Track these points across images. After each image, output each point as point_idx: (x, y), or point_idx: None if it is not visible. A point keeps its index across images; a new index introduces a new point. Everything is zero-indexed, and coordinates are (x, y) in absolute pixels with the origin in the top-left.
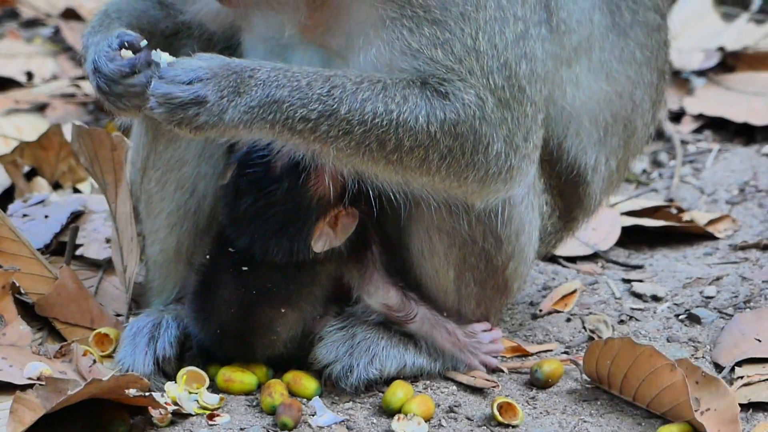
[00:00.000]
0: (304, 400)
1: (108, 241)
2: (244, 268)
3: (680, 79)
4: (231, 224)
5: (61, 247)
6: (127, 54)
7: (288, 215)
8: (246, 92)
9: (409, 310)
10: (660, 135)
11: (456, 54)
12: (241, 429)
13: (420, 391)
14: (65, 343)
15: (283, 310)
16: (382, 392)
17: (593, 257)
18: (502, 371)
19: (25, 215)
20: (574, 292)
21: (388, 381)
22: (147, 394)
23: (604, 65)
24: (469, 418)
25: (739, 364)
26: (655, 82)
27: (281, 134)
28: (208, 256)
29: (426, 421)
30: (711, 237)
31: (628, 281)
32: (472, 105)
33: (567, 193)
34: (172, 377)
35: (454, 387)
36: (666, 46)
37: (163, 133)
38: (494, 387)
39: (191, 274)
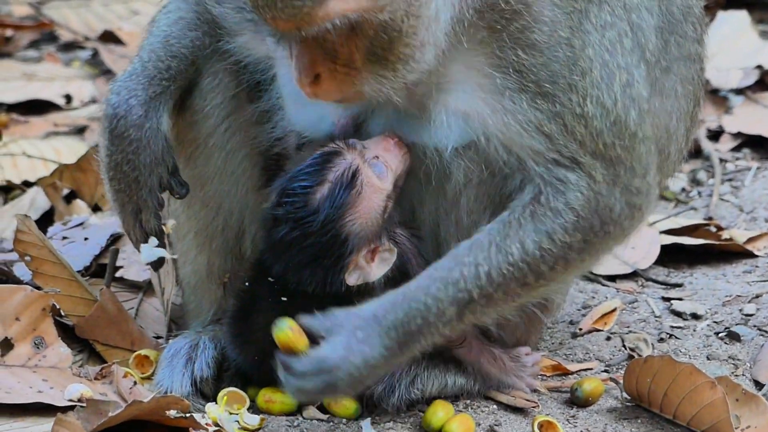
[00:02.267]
0: (344, 420)
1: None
2: (284, 299)
3: (718, 98)
4: (268, 250)
5: (101, 270)
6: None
7: (323, 247)
8: (379, 352)
9: (456, 337)
10: (698, 153)
11: (568, 127)
12: None
13: (460, 411)
14: (105, 364)
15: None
16: (423, 412)
17: (633, 276)
18: (542, 390)
19: (64, 238)
20: (613, 310)
21: (428, 400)
22: (188, 415)
23: (647, 101)
24: None
25: None
26: (690, 110)
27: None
28: (247, 283)
29: None
30: (750, 255)
31: (667, 299)
32: (582, 195)
33: None
34: (210, 398)
35: (495, 406)
36: (702, 71)
37: (182, 151)
38: (534, 407)
39: (229, 297)
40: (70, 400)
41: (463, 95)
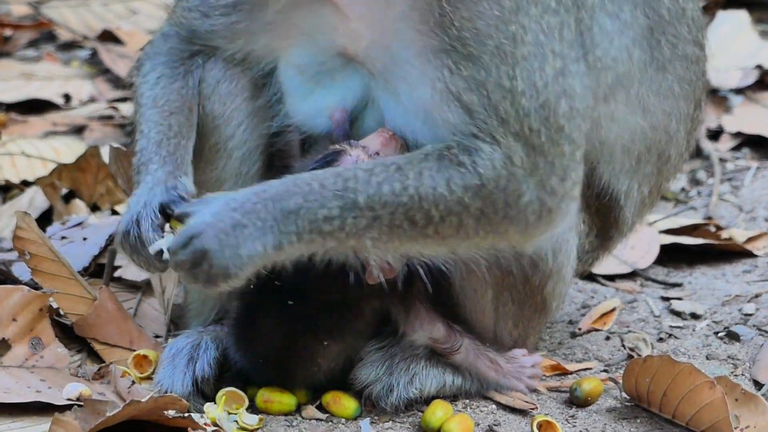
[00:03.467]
0: (343, 420)
1: None
2: (290, 302)
3: (718, 98)
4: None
5: (99, 269)
6: (168, 232)
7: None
8: (253, 218)
9: (454, 341)
10: (698, 153)
11: (492, 100)
12: None
13: (459, 410)
14: (104, 364)
15: (326, 343)
16: (422, 411)
17: (632, 275)
18: (541, 390)
19: (63, 237)
20: (613, 310)
21: (427, 400)
22: (186, 415)
23: (641, 100)
24: None
25: None
26: (691, 113)
27: (313, 242)
28: (252, 286)
29: None
30: (750, 254)
31: (667, 299)
32: (497, 166)
33: (602, 214)
34: (210, 398)
35: (494, 406)
36: (704, 76)
37: (201, 157)
38: (533, 409)
39: (233, 299)
40: (69, 399)
41: (400, 47)
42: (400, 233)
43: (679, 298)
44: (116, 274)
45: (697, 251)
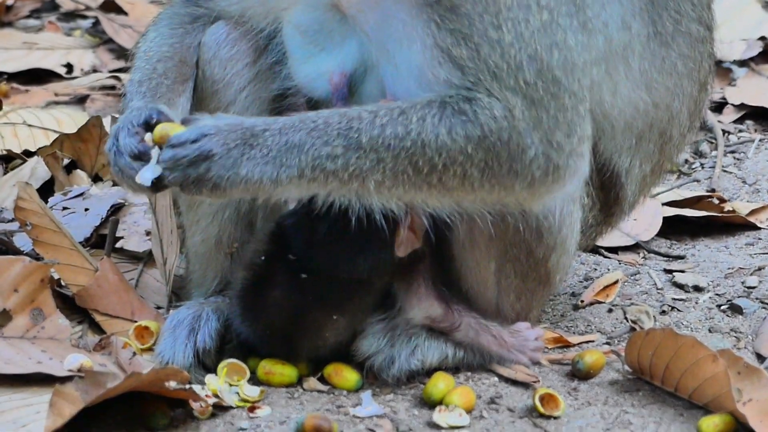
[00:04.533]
0: (345, 391)
1: (148, 233)
2: (304, 276)
3: (722, 69)
4: (308, 248)
5: (101, 240)
6: (149, 140)
7: (371, 229)
8: (260, 144)
9: (452, 321)
10: (702, 125)
11: (482, 55)
12: (282, 422)
13: (461, 383)
14: (105, 335)
15: (335, 317)
16: (424, 384)
17: (635, 248)
18: (543, 363)
19: (65, 208)
20: (615, 282)
21: (429, 372)
22: (187, 386)
23: (644, 75)
24: (510, 410)
25: None
26: (695, 94)
27: (314, 180)
28: (263, 257)
29: (467, 413)
30: (753, 227)
31: (669, 272)
32: (498, 118)
33: (605, 190)
34: (211, 370)
35: (496, 378)
36: (710, 57)
37: None
38: (535, 382)
39: (237, 269)
40: (70, 371)
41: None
42: (404, 179)
43: (682, 271)
44: (118, 245)
45: (700, 223)
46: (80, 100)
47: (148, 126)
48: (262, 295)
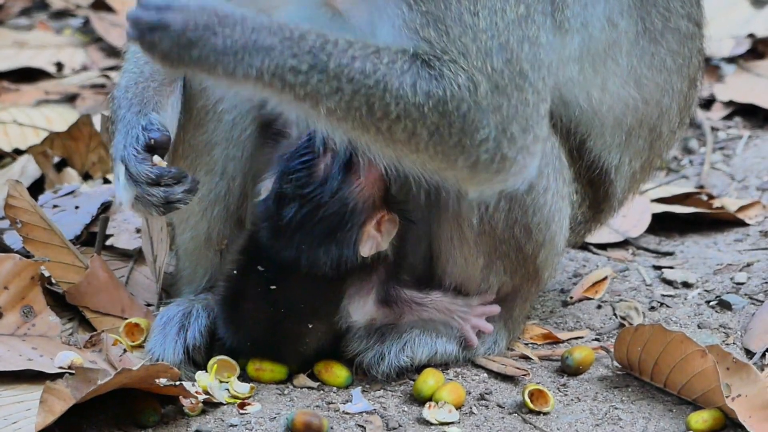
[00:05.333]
0: (335, 388)
1: (138, 231)
2: (273, 287)
3: (710, 66)
4: (273, 238)
5: (91, 238)
6: (159, 162)
7: (335, 219)
8: (225, 35)
9: (394, 314)
10: (691, 122)
11: (451, 36)
12: (272, 418)
13: (451, 379)
14: (95, 332)
15: (311, 325)
16: (413, 380)
17: (624, 244)
18: (533, 359)
19: (55, 206)
20: (604, 279)
21: (419, 369)
22: (178, 383)
23: (633, 71)
24: (500, 406)
25: None
26: (684, 90)
27: (270, 87)
28: (235, 271)
29: (457, 409)
30: (741, 223)
31: (658, 268)
32: (462, 87)
33: (594, 186)
34: (201, 366)
35: (485, 374)
36: (700, 54)
37: (191, 119)
38: (525, 375)
39: (224, 264)
40: (61, 368)
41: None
42: (355, 116)
43: (671, 267)
44: (108, 242)
45: (689, 220)
46: (71, 99)
47: (150, 147)
48: (238, 307)
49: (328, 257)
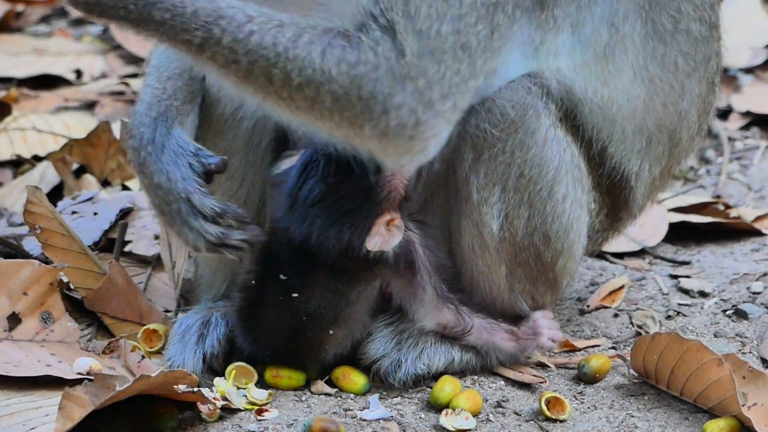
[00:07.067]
0: (352, 395)
1: (157, 237)
2: (295, 295)
3: (727, 77)
4: (288, 212)
5: (110, 244)
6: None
7: (357, 202)
8: (125, 4)
9: (464, 324)
10: (708, 132)
11: None
12: (289, 425)
13: (468, 386)
14: (114, 339)
15: (331, 332)
16: (430, 387)
17: (641, 253)
18: (550, 367)
19: (74, 212)
20: (621, 287)
21: (436, 376)
22: (196, 389)
23: (641, 70)
24: (516, 413)
25: None
26: (703, 94)
27: (173, 48)
28: (253, 281)
29: (474, 416)
30: (758, 233)
31: (675, 277)
32: (380, 55)
33: (613, 194)
34: (219, 373)
35: (502, 382)
36: (717, 57)
37: (209, 127)
38: (542, 383)
39: (239, 276)
40: (79, 374)
41: None
42: (256, 84)
43: (688, 276)
44: (126, 248)
45: (706, 229)
46: (90, 106)
47: (208, 174)
48: (257, 317)
49: (337, 239)
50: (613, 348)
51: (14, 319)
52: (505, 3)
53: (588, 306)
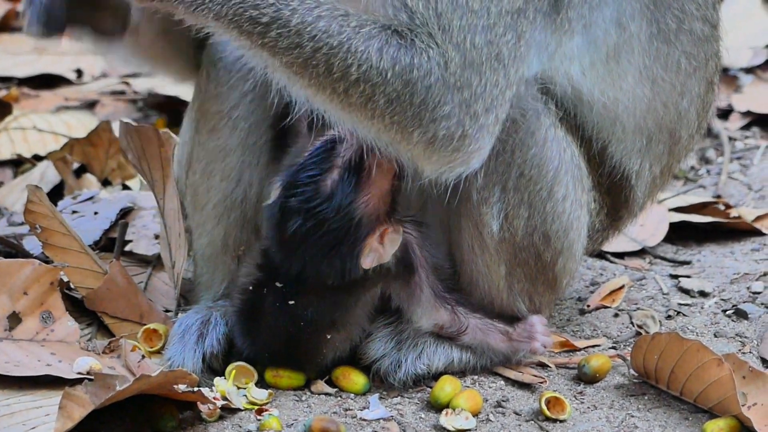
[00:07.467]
0: (352, 395)
1: (157, 237)
2: (291, 302)
3: (728, 77)
4: (278, 248)
5: (110, 244)
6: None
7: (339, 234)
8: None
9: (459, 325)
10: (708, 132)
11: (438, 9)
12: (289, 425)
13: (468, 386)
14: (114, 338)
15: (329, 336)
16: (431, 387)
17: (641, 253)
18: (550, 367)
19: (74, 212)
20: (621, 287)
21: (436, 376)
22: (196, 389)
23: (647, 71)
24: (516, 413)
25: None
26: (702, 93)
27: (227, 31)
28: (251, 286)
29: (474, 416)
30: (758, 233)
31: (675, 277)
32: (431, 60)
33: (613, 193)
34: (219, 372)
35: (502, 382)
36: (717, 57)
37: (205, 123)
38: (542, 383)
39: (238, 276)
40: (79, 373)
41: None
42: (312, 74)
43: (688, 276)
44: (127, 248)
45: (706, 229)
46: (90, 105)
47: None
48: (256, 320)
49: (331, 269)
50: (613, 348)
51: (14, 319)
52: (527, 9)
53: (588, 306)
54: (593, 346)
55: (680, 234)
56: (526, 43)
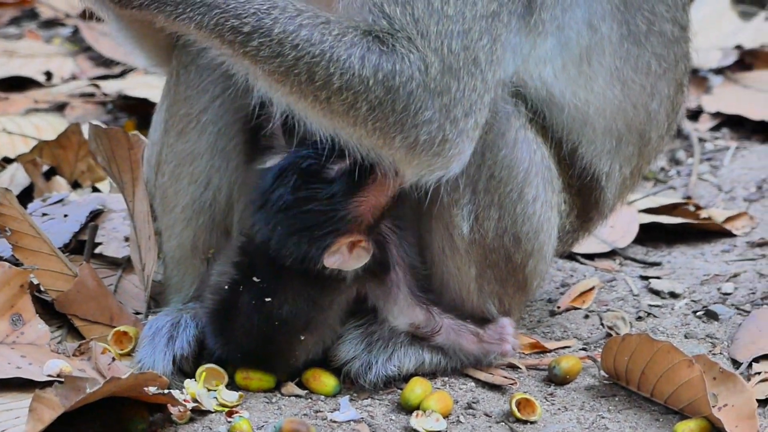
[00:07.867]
0: (323, 397)
1: (127, 239)
2: (268, 299)
3: (698, 78)
4: (257, 210)
5: (80, 246)
6: None
7: (319, 218)
8: None
9: (434, 324)
10: (678, 133)
11: (415, 15)
12: (260, 427)
13: (438, 388)
14: (84, 341)
15: (303, 337)
16: (401, 389)
17: (611, 254)
18: (520, 368)
19: (44, 214)
20: (592, 289)
21: (406, 378)
22: (166, 391)
23: (618, 73)
24: (487, 415)
25: (757, 360)
26: (671, 95)
27: (210, 40)
28: (227, 286)
29: (444, 418)
30: (728, 234)
31: (645, 278)
32: (413, 66)
33: (584, 194)
34: (190, 375)
35: (473, 383)
36: (686, 58)
37: (174, 125)
38: (512, 384)
39: (208, 279)
40: (50, 376)
41: None
42: (294, 82)
43: (658, 277)
44: (97, 250)
45: (676, 230)
46: (60, 108)
47: None
48: (229, 319)
49: (295, 249)
50: (583, 349)
51: None
52: (501, 12)
53: (558, 307)
54: (564, 348)
55: (650, 235)
56: (502, 46)
